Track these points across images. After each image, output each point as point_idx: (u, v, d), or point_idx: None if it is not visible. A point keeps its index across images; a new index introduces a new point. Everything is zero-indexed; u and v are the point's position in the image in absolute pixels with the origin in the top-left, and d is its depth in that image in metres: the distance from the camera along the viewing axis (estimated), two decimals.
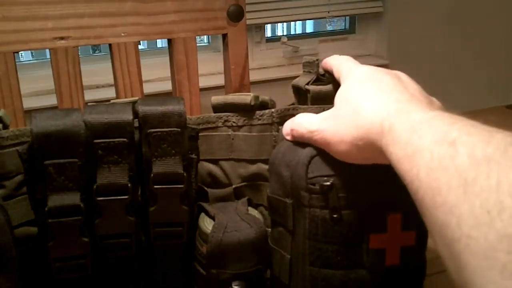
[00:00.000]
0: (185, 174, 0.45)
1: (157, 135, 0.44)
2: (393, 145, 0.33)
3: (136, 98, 0.47)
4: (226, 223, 0.45)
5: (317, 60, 0.53)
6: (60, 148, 0.42)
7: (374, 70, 0.41)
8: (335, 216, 0.40)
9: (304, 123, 0.43)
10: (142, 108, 0.44)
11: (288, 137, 0.44)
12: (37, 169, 0.42)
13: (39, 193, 0.42)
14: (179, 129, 0.44)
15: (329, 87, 0.52)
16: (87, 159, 0.43)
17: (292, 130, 0.44)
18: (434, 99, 0.40)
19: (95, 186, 0.43)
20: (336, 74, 0.46)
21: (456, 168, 0.27)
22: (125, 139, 0.43)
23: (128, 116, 0.43)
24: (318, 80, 0.53)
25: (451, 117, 0.32)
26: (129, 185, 0.43)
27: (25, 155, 0.42)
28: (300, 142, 0.44)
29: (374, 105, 0.37)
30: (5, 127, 0.47)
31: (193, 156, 0.47)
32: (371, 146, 0.36)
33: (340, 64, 0.46)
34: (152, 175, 0.44)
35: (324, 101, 0.52)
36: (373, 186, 0.40)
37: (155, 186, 0.44)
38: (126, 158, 0.43)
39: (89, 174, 0.43)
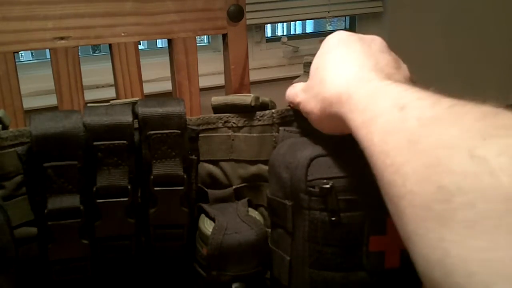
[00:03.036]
0: (185, 176, 0.45)
1: (157, 137, 0.44)
2: (352, 112, 0.35)
3: (136, 98, 0.46)
4: (226, 225, 0.45)
5: None
6: (60, 150, 0.41)
7: (345, 35, 0.42)
8: (333, 219, 0.40)
9: (292, 94, 0.46)
10: (141, 110, 0.44)
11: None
12: (36, 171, 0.42)
13: (39, 195, 0.42)
14: (179, 131, 0.44)
15: None
16: (87, 161, 0.42)
17: (288, 101, 0.47)
18: (403, 70, 0.41)
19: (95, 188, 0.43)
20: None
21: (405, 131, 0.29)
22: (125, 141, 0.43)
23: (127, 118, 0.43)
24: None
25: (403, 85, 0.33)
26: (129, 187, 0.43)
27: (24, 157, 0.42)
28: (300, 143, 0.44)
29: (336, 76, 0.38)
30: (5, 127, 0.47)
31: (193, 157, 0.47)
32: (335, 117, 0.38)
33: None
34: (152, 177, 0.44)
35: None
36: (373, 189, 0.40)
37: (155, 188, 0.44)
38: (126, 160, 0.43)
39: (89, 176, 0.43)
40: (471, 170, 0.24)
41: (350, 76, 0.37)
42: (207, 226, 0.46)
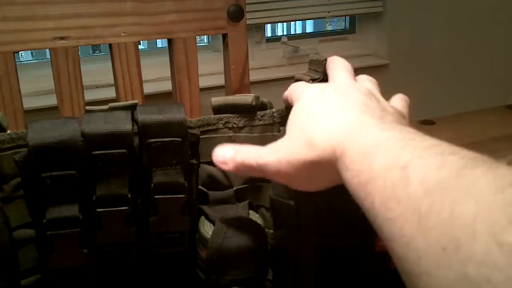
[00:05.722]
0: (186, 183, 0.44)
1: (157, 145, 0.43)
2: (347, 171, 0.31)
3: (135, 101, 0.46)
4: (226, 228, 0.44)
5: (325, 60, 0.53)
6: (58, 160, 0.40)
7: (321, 88, 0.39)
8: (339, 218, 0.39)
9: (253, 155, 0.38)
10: (141, 117, 0.43)
11: (225, 166, 0.39)
12: (34, 180, 0.41)
13: (37, 203, 0.41)
14: (180, 139, 0.43)
15: None
16: (86, 170, 0.41)
17: (234, 160, 0.39)
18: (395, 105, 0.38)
19: (94, 198, 0.42)
20: (289, 99, 0.43)
21: (409, 197, 0.26)
22: (124, 150, 0.42)
23: (127, 126, 0.42)
24: (323, 82, 0.53)
25: (404, 137, 0.29)
26: (129, 195, 0.42)
27: (21, 164, 0.41)
28: None
29: (325, 133, 0.34)
30: (3, 130, 0.46)
31: (194, 161, 0.47)
32: (329, 172, 0.34)
33: (291, 89, 0.43)
34: (152, 185, 0.43)
35: None
36: None
37: (156, 196, 0.43)
38: (125, 169, 0.42)
39: (88, 185, 0.42)
40: (502, 261, 0.20)
41: (341, 129, 0.33)
42: (206, 229, 0.46)
